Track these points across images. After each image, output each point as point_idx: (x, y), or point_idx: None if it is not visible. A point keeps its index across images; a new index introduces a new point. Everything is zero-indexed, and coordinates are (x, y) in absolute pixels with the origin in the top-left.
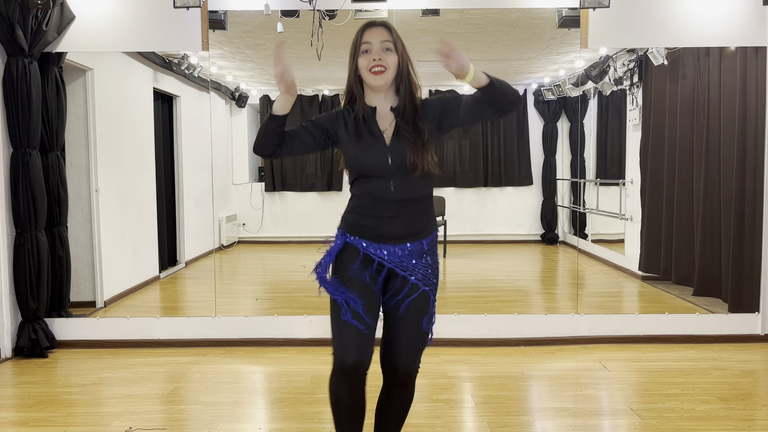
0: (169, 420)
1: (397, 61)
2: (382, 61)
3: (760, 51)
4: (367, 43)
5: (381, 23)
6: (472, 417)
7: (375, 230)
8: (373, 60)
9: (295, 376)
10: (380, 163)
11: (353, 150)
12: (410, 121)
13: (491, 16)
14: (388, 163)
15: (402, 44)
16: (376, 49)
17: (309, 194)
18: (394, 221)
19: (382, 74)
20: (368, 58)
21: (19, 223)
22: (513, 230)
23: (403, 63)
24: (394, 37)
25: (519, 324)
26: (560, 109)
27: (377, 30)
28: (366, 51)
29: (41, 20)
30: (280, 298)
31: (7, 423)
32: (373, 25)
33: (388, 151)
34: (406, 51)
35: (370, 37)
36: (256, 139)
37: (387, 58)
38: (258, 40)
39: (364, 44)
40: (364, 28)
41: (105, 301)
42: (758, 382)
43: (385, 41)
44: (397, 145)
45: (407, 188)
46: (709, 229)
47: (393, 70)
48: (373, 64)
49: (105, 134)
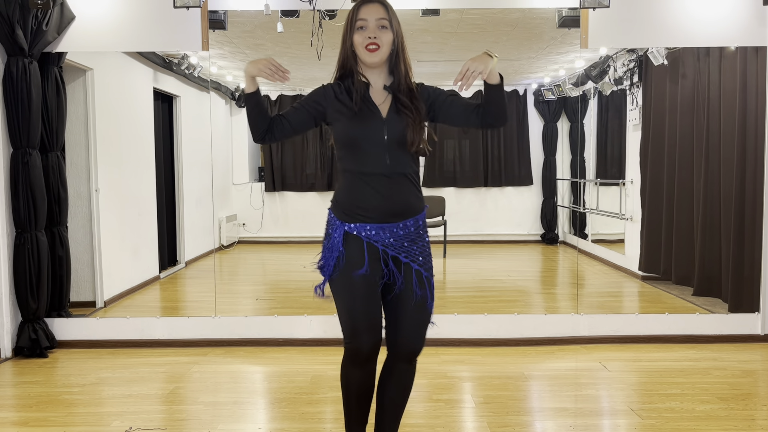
0: (169, 420)
1: (392, 38)
2: (378, 39)
3: (760, 51)
4: (363, 20)
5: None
6: (472, 417)
7: (373, 209)
8: (368, 37)
9: (295, 376)
10: (376, 136)
11: (347, 123)
12: (407, 98)
13: (491, 16)
14: (384, 136)
15: (397, 21)
16: (372, 26)
17: (309, 194)
18: (390, 197)
19: (377, 51)
20: (363, 35)
21: (19, 223)
22: (513, 230)
23: (398, 41)
24: (390, 15)
25: (519, 324)
26: (560, 109)
27: (373, 6)
28: (361, 27)
29: (41, 20)
30: (280, 298)
31: (7, 423)
32: (369, 1)
33: (384, 125)
34: (400, 28)
35: (366, 14)
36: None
37: (382, 36)
38: (258, 40)
39: (359, 21)
40: (360, 4)
41: (105, 301)
42: (758, 382)
43: (381, 18)
44: (394, 119)
45: (401, 163)
46: (709, 229)
47: (387, 48)
48: (369, 41)
49: (105, 134)
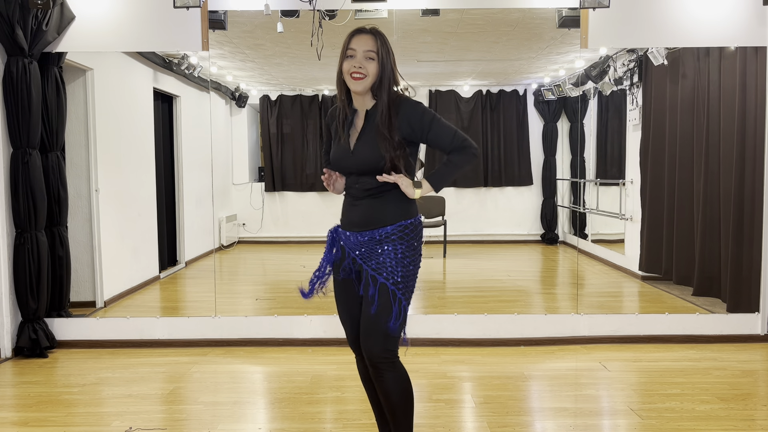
0: (169, 420)
1: (377, 69)
2: (363, 69)
3: (760, 51)
4: (353, 49)
5: (369, 30)
6: (472, 417)
7: (346, 218)
8: (354, 66)
9: (295, 376)
10: (345, 164)
11: (333, 147)
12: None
13: (491, 16)
14: (350, 164)
15: (387, 51)
16: (359, 56)
17: (309, 194)
18: (357, 210)
19: (361, 80)
20: (350, 63)
21: (19, 223)
22: (513, 230)
23: (385, 71)
24: (378, 46)
25: (519, 324)
26: (560, 109)
27: (364, 38)
28: (350, 56)
29: (41, 20)
30: (280, 298)
31: (7, 423)
32: (361, 32)
33: (351, 153)
34: (390, 58)
35: (356, 45)
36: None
37: (368, 66)
38: (258, 40)
39: (349, 49)
40: (353, 35)
41: (105, 301)
42: (758, 382)
43: (369, 51)
44: (361, 144)
45: (369, 182)
46: (709, 229)
47: (372, 78)
48: (353, 70)
49: (105, 134)
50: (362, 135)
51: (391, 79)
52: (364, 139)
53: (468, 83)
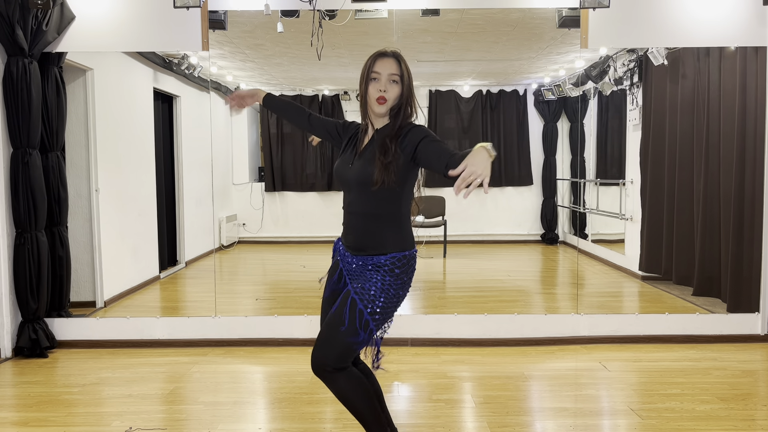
0: (169, 420)
1: (399, 92)
2: (386, 93)
3: (760, 51)
4: (377, 72)
5: (392, 54)
6: (472, 417)
7: (343, 235)
8: (379, 90)
9: (295, 376)
10: (343, 177)
11: (337, 161)
12: (383, 140)
13: (491, 16)
14: (348, 177)
15: (408, 75)
16: (384, 80)
17: (309, 194)
18: (349, 231)
19: (384, 104)
20: (375, 86)
21: (19, 223)
22: (513, 230)
23: (404, 94)
24: (402, 70)
25: (519, 324)
26: (560, 109)
27: (388, 61)
28: (374, 79)
29: (41, 20)
30: (280, 298)
31: (7, 423)
32: (384, 55)
33: (351, 167)
34: (411, 81)
35: (380, 68)
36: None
37: (391, 90)
38: (258, 40)
39: (373, 72)
40: (376, 57)
41: (105, 301)
42: (758, 382)
43: (393, 74)
44: (360, 161)
45: (364, 203)
46: (709, 229)
47: (393, 101)
48: (379, 95)
49: (105, 134)
50: (365, 150)
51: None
52: (365, 154)
53: (468, 83)
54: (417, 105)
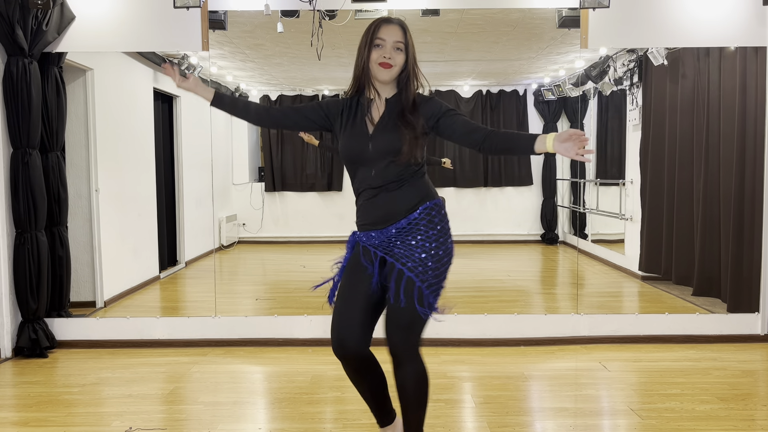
0: (169, 420)
1: (404, 60)
2: (392, 59)
3: (760, 51)
4: (381, 39)
5: (397, 21)
6: (472, 417)
7: (365, 218)
8: (383, 56)
9: (295, 376)
10: (361, 151)
11: (342, 138)
12: (400, 111)
13: (491, 16)
14: (368, 150)
15: (412, 45)
16: (389, 46)
17: (309, 194)
18: (372, 209)
19: (389, 69)
20: (379, 52)
21: (19, 223)
22: (513, 230)
23: (409, 63)
24: (406, 38)
25: (519, 324)
26: (560, 109)
27: (393, 28)
28: (378, 45)
29: (41, 20)
30: (280, 298)
31: (7, 423)
32: (389, 22)
33: (369, 139)
34: (414, 51)
35: (385, 35)
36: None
37: (396, 57)
38: (258, 40)
39: (378, 39)
40: (380, 23)
41: (105, 301)
42: (758, 382)
43: (398, 41)
44: (380, 133)
45: (386, 174)
46: (709, 229)
47: (398, 68)
48: (383, 60)
49: (105, 134)
50: (382, 121)
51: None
52: (384, 124)
53: (468, 83)
54: (423, 76)
